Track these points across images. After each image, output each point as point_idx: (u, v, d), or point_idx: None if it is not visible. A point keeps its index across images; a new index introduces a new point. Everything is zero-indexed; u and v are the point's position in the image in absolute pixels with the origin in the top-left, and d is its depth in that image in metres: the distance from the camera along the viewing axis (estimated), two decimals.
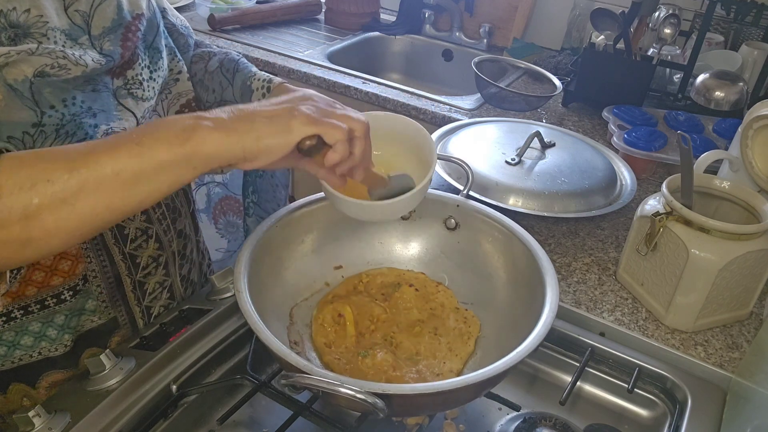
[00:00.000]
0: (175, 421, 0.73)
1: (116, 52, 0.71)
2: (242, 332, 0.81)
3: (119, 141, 0.54)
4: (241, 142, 0.55)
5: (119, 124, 0.72)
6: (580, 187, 1.04)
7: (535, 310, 0.69)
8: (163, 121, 0.56)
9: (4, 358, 0.74)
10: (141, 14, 0.74)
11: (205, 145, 0.54)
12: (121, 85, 0.73)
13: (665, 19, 1.41)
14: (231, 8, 1.97)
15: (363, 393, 0.56)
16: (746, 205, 0.88)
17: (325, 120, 0.58)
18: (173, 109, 0.86)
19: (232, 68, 0.86)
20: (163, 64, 0.80)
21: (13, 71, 0.62)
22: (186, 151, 0.54)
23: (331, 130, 0.58)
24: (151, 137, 0.54)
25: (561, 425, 0.76)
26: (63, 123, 0.66)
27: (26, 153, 0.53)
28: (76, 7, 0.67)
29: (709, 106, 1.40)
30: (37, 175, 0.51)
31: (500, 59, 1.71)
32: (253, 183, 1.06)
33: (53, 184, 0.51)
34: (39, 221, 0.51)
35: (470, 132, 1.19)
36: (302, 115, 0.57)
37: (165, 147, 0.53)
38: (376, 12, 2.09)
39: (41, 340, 0.75)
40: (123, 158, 0.52)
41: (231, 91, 0.86)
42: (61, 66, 0.64)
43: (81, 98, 0.68)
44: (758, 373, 0.70)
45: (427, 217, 0.88)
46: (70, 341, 0.77)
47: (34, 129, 0.64)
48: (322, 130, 0.58)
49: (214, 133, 0.54)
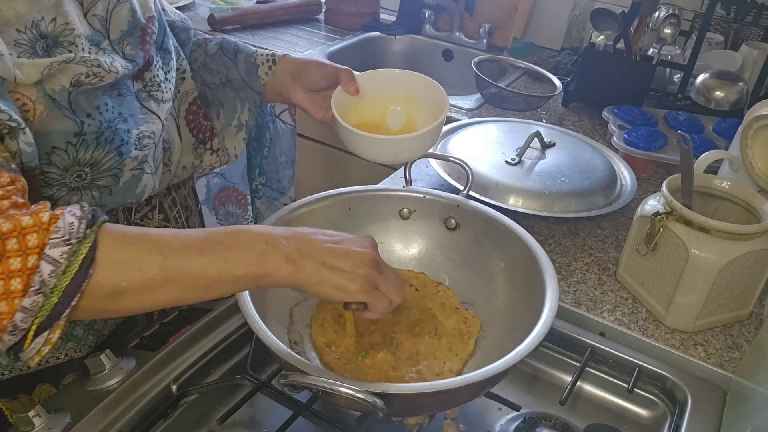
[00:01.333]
0: (175, 421, 0.73)
1: (139, 56, 0.72)
2: (242, 332, 0.81)
3: (206, 248, 0.57)
4: (302, 280, 0.61)
5: (147, 127, 0.74)
6: (580, 187, 1.04)
7: (535, 310, 0.69)
8: (244, 238, 0.59)
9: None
10: (152, 16, 0.76)
11: (275, 274, 0.59)
12: (141, 87, 0.74)
13: (665, 19, 1.41)
14: (231, 8, 1.97)
15: (362, 393, 0.56)
16: (746, 205, 0.88)
17: (375, 292, 0.64)
18: (183, 107, 0.87)
19: (232, 49, 0.89)
20: (173, 64, 0.81)
21: (52, 82, 0.63)
22: (258, 274, 0.59)
23: (379, 304, 0.64)
24: (236, 254, 0.58)
25: (561, 425, 0.76)
26: (101, 130, 0.67)
27: (122, 233, 0.56)
28: (94, 12, 0.68)
29: (709, 106, 1.40)
30: (132, 261, 0.54)
31: (500, 59, 1.71)
32: (260, 165, 1.07)
33: (143, 274, 0.54)
34: (120, 300, 0.55)
35: (470, 132, 1.19)
36: (360, 281, 0.62)
37: (243, 266, 0.58)
38: (376, 12, 2.09)
39: (68, 341, 0.76)
40: (206, 267, 0.57)
41: (236, 70, 0.88)
42: (96, 74, 0.65)
43: (111, 104, 0.69)
44: (758, 373, 0.70)
45: (428, 217, 0.88)
46: (93, 342, 0.79)
47: (76, 138, 0.65)
48: (371, 301, 0.64)
49: (285, 266, 0.59)
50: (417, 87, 0.85)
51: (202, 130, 0.89)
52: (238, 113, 0.91)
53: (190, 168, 0.89)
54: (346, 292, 0.62)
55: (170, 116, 0.83)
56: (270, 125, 1.03)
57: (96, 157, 0.68)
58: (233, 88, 0.89)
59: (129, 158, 0.71)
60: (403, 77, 0.87)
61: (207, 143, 0.90)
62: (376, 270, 0.64)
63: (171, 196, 0.89)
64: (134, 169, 0.72)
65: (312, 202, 0.83)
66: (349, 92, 0.83)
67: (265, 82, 0.87)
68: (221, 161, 0.93)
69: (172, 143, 0.83)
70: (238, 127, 0.92)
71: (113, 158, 0.69)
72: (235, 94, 0.90)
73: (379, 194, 0.88)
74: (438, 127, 0.80)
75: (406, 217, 0.88)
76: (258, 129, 1.03)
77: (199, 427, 0.75)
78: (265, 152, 1.05)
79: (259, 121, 1.02)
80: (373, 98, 0.86)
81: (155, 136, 0.75)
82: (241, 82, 0.89)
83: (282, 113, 1.04)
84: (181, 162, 0.87)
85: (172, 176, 0.85)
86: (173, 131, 0.84)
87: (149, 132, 0.74)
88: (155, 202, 0.86)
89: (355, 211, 0.86)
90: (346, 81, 0.83)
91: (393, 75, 0.87)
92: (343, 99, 0.83)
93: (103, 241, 0.53)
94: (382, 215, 0.88)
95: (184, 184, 0.93)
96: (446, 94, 0.83)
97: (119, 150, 0.70)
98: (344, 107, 0.83)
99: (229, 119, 0.91)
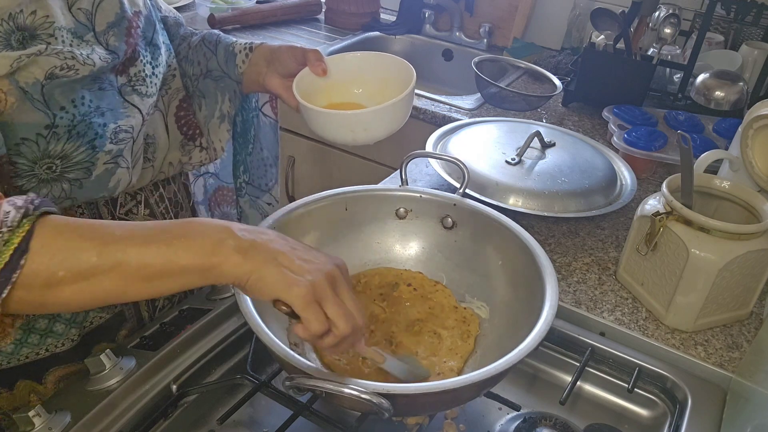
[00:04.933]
0: (175, 421, 0.73)
1: (121, 48, 0.72)
2: (242, 332, 0.81)
3: (152, 236, 0.54)
4: (247, 272, 0.55)
5: (127, 121, 0.73)
6: (580, 187, 1.04)
7: (535, 310, 0.69)
8: (197, 226, 0.56)
9: (11, 356, 0.74)
10: (139, 11, 0.76)
11: (224, 265, 0.55)
12: (125, 82, 0.74)
13: (665, 18, 1.41)
14: (231, 8, 1.97)
15: (368, 393, 0.56)
16: (746, 204, 0.88)
17: (315, 308, 0.56)
18: (173, 103, 0.87)
19: (213, 40, 0.89)
20: (162, 59, 0.81)
21: (25, 74, 0.63)
22: (206, 265, 0.55)
23: (313, 322, 0.56)
24: (182, 243, 0.54)
25: (561, 425, 0.76)
26: (74, 124, 0.67)
27: (64, 223, 0.54)
28: (80, 5, 0.68)
29: (709, 106, 1.40)
30: (69, 250, 0.52)
31: (500, 59, 1.71)
32: (244, 162, 1.07)
33: (80, 263, 0.52)
34: (57, 291, 0.53)
35: (470, 132, 1.19)
36: (304, 288, 0.55)
37: (191, 256, 0.54)
38: (376, 12, 2.09)
39: (48, 336, 0.76)
40: (150, 256, 0.53)
41: (215, 60, 0.88)
42: (70, 67, 0.65)
43: (89, 97, 0.69)
44: (758, 372, 0.70)
45: (424, 216, 0.88)
46: (77, 335, 0.78)
47: (47, 131, 0.65)
48: (305, 316, 0.56)
49: (234, 256, 0.55)
50: (389, 68, 0.84)
51: (191, 126, 0.90)
52: (219, 104, 0.91)
53: (177, 165, 0.89)
54: (286, 294, 0.55)
55: (158, 112, 0.83)
56: (255, 120, 1.03)
57: (67, 150, 0.68)
58: (213, 78, 0.90)
59: (102, 152, 0.71)
60: (373, 59, 0.85)
61: (196, 140, 0.91)
62: (329, 286, 0.57)
63: (158, 191, 0.88)
64: (108, 162, 0.72)
65: (309, 203, 0.83)
66: (317, 73, 0.82)
67: (242, 71, 0.87)
68: (210, 158, 0.93)
69: (157, 139, 0.83)
70: (220, 119, 0.92)
71: (85, 151, 0.69)
72: (215, 85, 0.90)
73: (376, 194, 0.88)
74: (399, 103, 0.78)
75: (402, 216, 0.88)
76: (243, 124, 1.02)
77: (199, 427, 0.75)
78: (249, 148, 1.05)
79: (244, 116, 1.02)
80: (344, 81, 0.85)
81: (133, 130, 0.75)
82: (220, 72, 0.89)
83: (263, 106, 1.03)
84: (167, 158, 0.87)
85: (157, 172, 0.85)
86: (160, 127, 0.84)
87: (127, 126, 0.74)
88: (140, 197, 0.85)
89: (352, 211, 0.86)
90: (314, 61, 0.82)
91: (364, 57, 0.86)
92: (312, 82, 0.82)
93: (41, 231, 0.51)
94: (378, 215, 0.88)
95: (174, 180, 0.92)
96: (414, 73, 0.81)
97: (92, 143, 0.69)
98: (313, 90, 0.82)
99: (211, 110, 0.91)
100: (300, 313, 0.56)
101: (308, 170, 1.91)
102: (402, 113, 0.80)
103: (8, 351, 0.73)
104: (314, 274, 0.56)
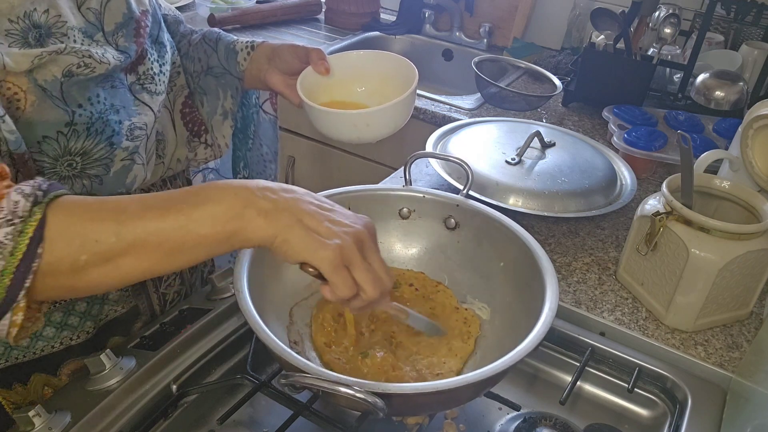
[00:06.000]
0: (175, 421, 0.73)
1: (131, 48, 0.73)
2: (242, 332, 0.81)
3: (168, 208, 0.53)
4: (272, 233, 0.54)
5: (139, 118, 0.74)
6: (580, 187, 1.04)
7: (535, 310, 0.69)
8: (213, 192, 0.55)
9: (26, 350, 0.75)
10: (146, 10, 0.77)
11: (247, 230, 0.54)
12: (135, 80, 0.75)
13: (665, 18, 1.41)
14: (231, 8, 1.97)
15: (363, 392, 0.56)
16: (746, 204, 0.88)
17: (344, 272, 0.55)
18: (179, 100, 0.88)
19: (214, 38, 0.90)
20: (168, 57, 0.82)
21: (43, 72, 0.63)
22: (228, 232, 0.54)
23: (342, 287, 0.56)
24: (201, 212, 0.53)
25: (561, 425, 0.76)
26: (92, 121, 0.68)
27: (76, 204, 0.53)
28: (88, 5, 0.69)
29: (709, 106, 1.40)
30: (87, 233, 0.51)
31: (500, 59, 1.71)
32: (244, 158, 1.08)
33: (100, 245, 0.51)
34: (85, 275, 0.52)
35: (470, 132, 1.19)
36: (332, 252, 0.54)
37: (210, 223, 0.53)
38: (376, 12, 2.09)
39: (63, 329, 0.76)
40: (168, 230, 0.53)
41: (216, 57, 0.89)
42: (87, 65, 0.66)
43: (104, 95, 0.69)
44: (758, 372, 0.70)
45: (427, 216, 0.88)
46: (92, 328, 0.79)
47: (67, 128, 0.66)
48: (334, 280, 0.55)
49: (257, 219, 0.54)
50: (390, 66, 0.85)
51: (196, 123, 0.91)
52: (221, 100, 0.92)
53: (184, 161, 0.90)
54: (313, 258, 0.54)
55: (164, 109, 0.84)
56: (255, 116, 1.04)
57: (86, 147, 0.68)
58: (214, 75, 0.90)
59: (120, 149, 0.72)
60: (375, 57, 0.86)
61: (201, 137, 0.92)
62: (358, 249, 0.56)
63: (166, 187, 0.90)
64: (125, 159, 0.73)
65: None
66: (319, 71, 0.83)
67: (243, 68, 0.88)
68: (215, 155, 0.94)
69: (165, 135, 0.84)
70: (223, 116, 0.93)
71: (104, 148, 0.70)
72: (216, 81, 0.91)
73: (379, 194, 0.88)
74: (402, 102, 0.78)
75: (405, 216, 0.88)
76: (244, 120, 1.03)
77: (199, 427, 0.75)
78: (249, 144, 1.06)
79: (244, 112, 1.03)
80: (346, 79, 0.86)
81: (147, 127, 0.76)
82: (221, 69, 0.90)
83: (264, 103, 1.04)
84: (176, 155, 0.88)
85: (166, 168, 0.86)
86: (167, 124, 0.85)
87: (141, 123, 0.74)
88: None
89: (355, 211, 0.86)
90: (316, 60, 0.83)
91: (365, 56, 0.87)
92: (315, 80, 0.83)
93: (54, 217, 0.50)
94: (381, 215, 0.88)
95: (179, 176, 0.94)
96: (417, 72, 0.82)
97: (110, 140, 0.70)
98: (316, 88, 0.82)
99: (213, 107, 0.92)
100: (328, 278, 0.55)
101: (308, 170, 1.91)
102: (406, 111, 0.81)
103: (24, 345, 0.74)
104: (342, 237, 0.55)
